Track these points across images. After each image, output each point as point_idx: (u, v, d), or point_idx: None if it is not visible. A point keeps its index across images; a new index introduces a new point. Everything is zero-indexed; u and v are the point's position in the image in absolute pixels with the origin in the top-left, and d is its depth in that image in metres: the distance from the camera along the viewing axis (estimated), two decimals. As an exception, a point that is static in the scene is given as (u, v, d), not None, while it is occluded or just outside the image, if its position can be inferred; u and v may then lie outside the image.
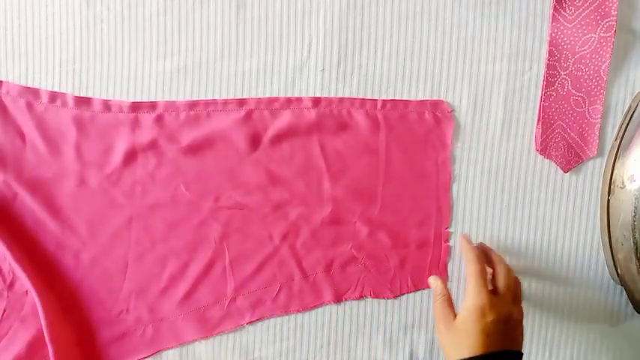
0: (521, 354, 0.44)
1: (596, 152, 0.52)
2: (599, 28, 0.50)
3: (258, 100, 0.52)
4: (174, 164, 0.52)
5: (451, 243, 0.53)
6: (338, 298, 0.53)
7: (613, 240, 0.51)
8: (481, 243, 0.52)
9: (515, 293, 0.47)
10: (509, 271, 0.47)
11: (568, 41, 0.50)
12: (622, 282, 0.52)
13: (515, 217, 0.53)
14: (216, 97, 0.52)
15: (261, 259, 0.52)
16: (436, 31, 0.51)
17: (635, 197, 0.49)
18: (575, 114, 0.52)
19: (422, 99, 0.52)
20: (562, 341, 0.54)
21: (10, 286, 0.51)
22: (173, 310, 0.52)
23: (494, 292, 0.45)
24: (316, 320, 0.53)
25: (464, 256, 0.49)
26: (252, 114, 0.52)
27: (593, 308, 0.54)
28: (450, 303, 0.47)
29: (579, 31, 0.50)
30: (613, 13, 0.49)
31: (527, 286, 0.53)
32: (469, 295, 0.45)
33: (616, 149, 0.51)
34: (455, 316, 0.45)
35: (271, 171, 0.52)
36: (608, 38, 0.50)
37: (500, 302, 0.44)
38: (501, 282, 0.46)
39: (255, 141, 0.52)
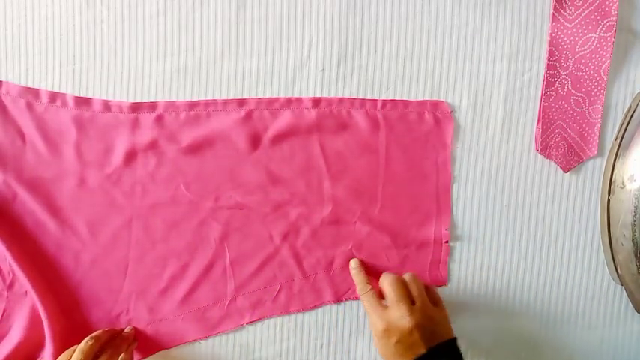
0: (454, 338, 0.45)
1: (596, 152, 0.52)
2: (599, 28, 0.50)
3: (258, 100, 0.52)
4: (175, 164, 0.52)
5: (451, 243, 0.53)
6: (338, 298, 0.53)
7: (613, 240, 0.51)
8: (358, 260, 0.52)
9: (408, 294, 0.46)
10: (393, 279, 0.46)
11: (568, 41, 0.50)
12: (622, 282, 0.52)
13: (515, 217, 0.53)
14: (216, 97, 0.52)
15: (261, 259, 0.52)
16: (436, 31, 0.51)
17: (635, 197, 0.49)
18: (575, 114, 0.52)
19: (422, 99, 0.52)
20: (562, 341, 0.54)
21: (10, 286, 0.51)
22: (173, 310, 0.52)
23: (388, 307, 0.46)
24: (316, 320, 0.53)
25: (355, 282, 0.50)
26: (252, 114, 0.52)
27: (592, 308, 0.54)
28: (377, 300, 0.47)
29: (579, 31, 0.50)
30: (613, 13, 0.49)
31: (527, 286, 0.53)
32: (369, 321, 0.46)
33: (616, 149, 0.51)
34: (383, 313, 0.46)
35: (271, 171, 0.52)
36: (608, 38, 0.50)
37: (396, 316, 0.44)
38: (388, 295, 0.46)
39: (255, 141, 0.52)
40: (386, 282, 0.47)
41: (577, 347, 0.54)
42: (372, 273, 0.52)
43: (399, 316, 0.44)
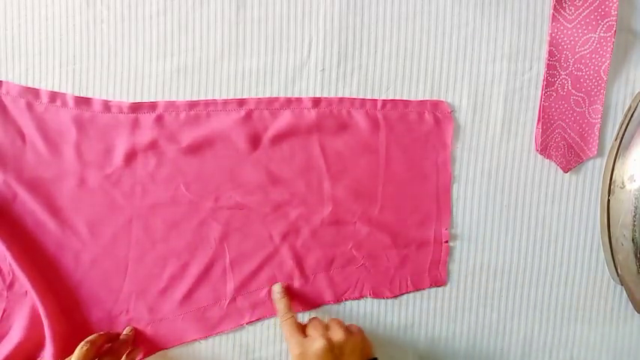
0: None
1: (596, 152, 0.52)
2: (599, 28, 0.50)
3: (258, 100, 0.52)
4: (175, 164, 0.52)
5: (451, 243, 0.53)
6: (338, 298, 0.53)
7: (613, 240, 0.51)
8: (282, 285, 0.52)
9: (323, 323, 0.48)
10: (313, 319, 0.49)
11: (568, 41, 0.50)
12: (622, 282, 0.52)
13: (515, 217, 0.53)
14: (216, 97, 0.52)
15: (261, 259, 0.52)
16: (436, 31, 0.51)
17: (635, 197, 0.49)
18: (575, 114, 0.52)
19: (422, 99, 0.52)
20: (562, 341, 0.54)
21: (10, 286, 0.51)
22: (173, 310, 0.52)
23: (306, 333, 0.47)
24: (316, 320, 0.53)
25: (277, 309, 0.50)
26: (252, 114, 0.52)
27: (593, 308, 0.54)
28: (297, 327, 0.48)
29: (579, 31, 0.50)
30: (613, 13, 0.49)
31: (528, 286, 0.53)
32: (289, 348, 0.47)
33: (616, 149, 0.51)
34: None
35: (271, 171, 0.52)
36: (608, 38, 0.50)
37: (309, 344, 0.45)
38: (309, 326, 0.48)
39: (255, 141, 0.52)
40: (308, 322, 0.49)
41: (577, 347, 0.54)
42: (373, 273, 0.52)
43: (313, 338, 0.45)
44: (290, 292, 0.52)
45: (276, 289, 0.52)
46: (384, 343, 0.53)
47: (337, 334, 0.46)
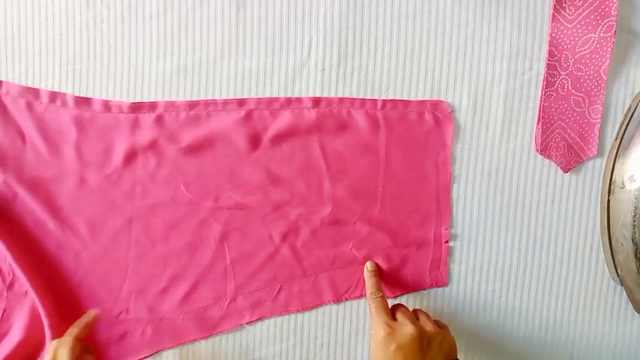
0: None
1: (596, 152, 0.52)
2: (599, 28, 0.50)
3: (258, 100, 0.52)
4: (174, 164, 0.52)
5: (451, 244, 0.53)
6: (338, 298, 0.53)
7: (613, 240, 0.51)
8: (375, 263, 0.52)
9: (410, 311, 0.48)
10: (402, 307, 0.48)
11: (568, 41, 0.50)
12: (622, 282, 0.52)
13: (515, 217, 0.53)
14: (216, 97, 0.52)
15: (261, 259, 0.52)
16: (436, 31, 0.51)
17: (635, 197, 0.49)
18: (575, 114, 0.52)
19: (422, 99, 0.52)
20: (562, 341, 0.54)
21: (10, 286, 0.51)
22: (173, 310, 0.52)
23: (394, 317, 0.46)
24: (316, 320, 0.53)
25: (366, 286, 0.50)
26: (252, 114, 0.52)
27: (593, 308, 0.54)
28: (386, 307, 0.47)
29: (579, 31, 0.50)
30: (613, 13, 0.49)
31: (528, 286, 0.53)
32: (372, 327, 0.46)
33: (616, 149, 0.51)
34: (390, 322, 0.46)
35: (271, 171, 0.52)
36: (608, 38, 0.50)
37: (399, 327, 0.45)
38: (399, 311, 0.47)
39: (255, 141, 0.52)
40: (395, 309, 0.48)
41: (577, 347, 0.54)
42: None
43: (403, 323, 0.45)
44: (380, 274, 0.52)
45: (369, 266, 0.51)
46: (384, 343, 0.53)
47: (428, 325, 0.46)
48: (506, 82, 0.52)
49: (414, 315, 0.48)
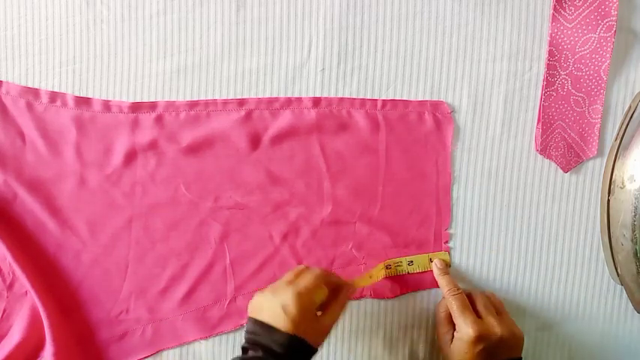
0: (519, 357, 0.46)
1: (596, 152, 0.52)
2: (599, 28, 0.50)
3: (258, 100, 0.52)
4: (174, 164, 0.52)
5: (451, 244, 0.53)
6: (338, 298, 0.53)
7: (613, 240, 0.51)
8: (442, 261, 0.52)
9: (493, 305, 0.48)
10: (478, 293, 0.49)
11: (568, 41, 0.50)
12: (622, 282, 0.52)
13: (516, 217, 0.53)
14: (216, 97, 0.52)
15: (261, 259, 0.52)
16: (436, 31, 0.51)
17: (635, 197, 0.49)
18: (575, 114, 0.52)
19: (422, 99, 0.52)
20: (562, 341, 0.54)
21: (10, 286, 0.51)
22: (173, 310, 0.52)
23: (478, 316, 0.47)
24: (316, 320, 0.53)
25: (440, 285, 0.50)
26: (252, 114, 0.52)
27: (593, 308, 0.54)
28: (468, 306, 0.47)
29: (579, 31, 0.50)
30: (613, 13, 0.49)
31: (528, 286, 0.53)
32: (460, 327, 0.46)
33: (616, 149, 0.51)
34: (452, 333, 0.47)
35: (271, 171, 0.52)
36: (608, 38, 0.50)
37: (487, 326, 0.45)
38: (479, 304, 0.48)
39: (255, 141, 0.52)
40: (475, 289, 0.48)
41: (577, 347, 0.54)
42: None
43: (492, 323, 0.45)
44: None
45: (438, 264, 0.51)
46: (384, 343, 0.53)
47: (512, 326, 0.46)
48: (506, 82, 0.52)
49: (493, 307, 0.47)
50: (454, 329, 0.47)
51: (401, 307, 0.53)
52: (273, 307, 0.41)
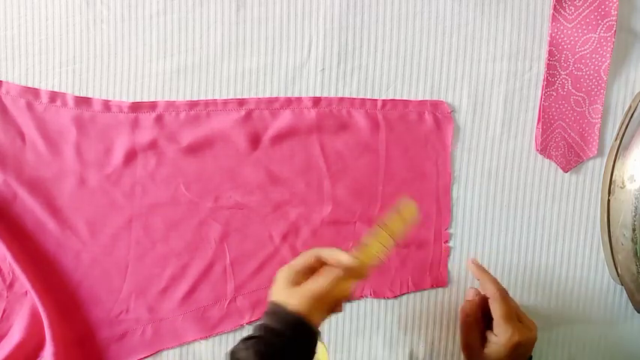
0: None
1: (596, 152, 0.52)
2: (599, 28, 0.50)
3: (258, 100, 0.52)
4: (174, 164, 0.52)
5: (451, 244, 0.53)
6: (338, 298, 0.53)
7: (613, 240, 0.51)
8: (474, 260, 0.51)
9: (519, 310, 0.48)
10: (504, 297, 0.47)
11: (568, 41, 0.50)
12: (622, 282, 0.52)
13: (516, 217, 0.53)
14: (216, 97, 0.52)
15: (261, 259, 0.52)
16: (436, 31, 0.51)
17: (635, 197, 0.49)
18: (575, 114, 0.52)
19: (422, 99, 0.52)
20: (562, 341, 0.54)
21: (10, 286, 0.51)
22: (173, 310, 0.52)
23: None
24: (316, 320, 0.53)
25: (483, 284, 0.48)
26: (252, 114, 0.52)
27: (593, 308, 0.54)
28: (512, 311, 0.47)
29: (579, 31, 0.50)
30: (613, 13, 0.49)
31: (528, 286, 0.53)
32: (503, 332, 0.45)
33: (616, 149, 0.51)
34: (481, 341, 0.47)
35: (271, 171, 0.52)
36: (608, 38, 0.50)
37: (528, 332, 0.46)
38: (507, 311, 0.47)
39: (255, 141, 0.52)
40: (506, 293, 0.48)
41: (577, 347, 0.54)
42: (373, 273, 0.52)
43: (530, 327, 0.46)
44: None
45: (476, 262, 0.51)
46: (384, 343, 0.53)
47: (531, 321, 0.47)
48: (506, 82, 0.52)
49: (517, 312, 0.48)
50: (484, 332, 0.47)
51: (401, 307, 0.53)
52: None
